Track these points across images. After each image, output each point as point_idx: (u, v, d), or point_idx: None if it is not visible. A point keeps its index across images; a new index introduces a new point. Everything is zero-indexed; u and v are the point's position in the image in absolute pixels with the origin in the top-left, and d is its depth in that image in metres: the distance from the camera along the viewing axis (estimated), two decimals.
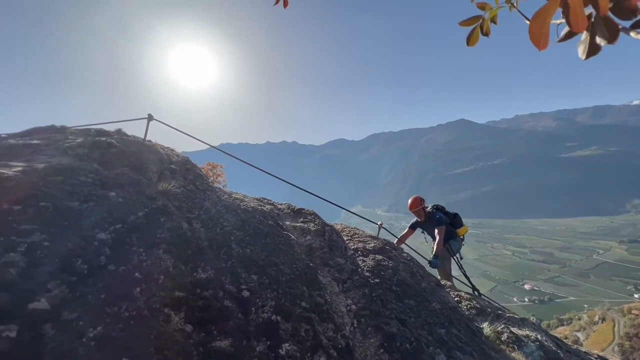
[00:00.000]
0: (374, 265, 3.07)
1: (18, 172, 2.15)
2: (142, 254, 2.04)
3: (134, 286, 1.83)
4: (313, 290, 2.49)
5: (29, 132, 4.04)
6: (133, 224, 2.23)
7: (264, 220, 3.05)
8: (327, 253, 3.17)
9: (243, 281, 2.21)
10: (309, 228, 3.48)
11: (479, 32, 1.27)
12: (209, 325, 1.82)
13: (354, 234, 3.78)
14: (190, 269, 2.14)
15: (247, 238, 2.66)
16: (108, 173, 2.64)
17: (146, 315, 1.73)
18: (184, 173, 3.25)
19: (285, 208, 3.91)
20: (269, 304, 2.13)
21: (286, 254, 2.72)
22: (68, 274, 1.68)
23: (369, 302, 2.60)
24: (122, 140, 3.28)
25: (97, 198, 2.27)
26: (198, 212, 2.70)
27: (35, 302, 1.49)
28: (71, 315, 1.52)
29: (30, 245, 1.69)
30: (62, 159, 2.61)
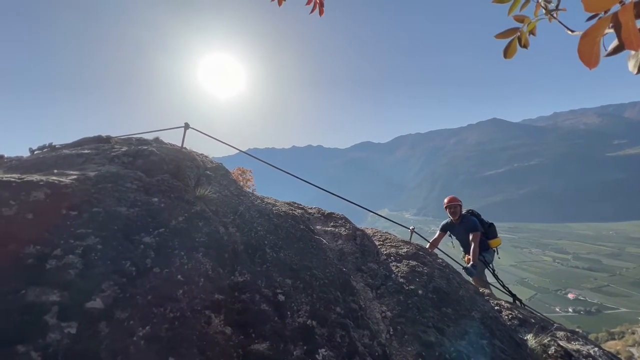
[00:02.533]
0: (408, 272, 3.00)
1: (73, 180, 2.33)
2: (183, 257, 2.13)
3: (177, 288, 1.91)
4: (347, 295, 2.47)
5: (80, 142, 4.38)
6: (174, 228, 2.34)
7: (296, 225, 3.08)
8: (359, 258, 3.14)
9: (278, 285, 2.24)
10: (340, 232, 3.46)
11: (516, 44, 1.24)
12: (247, 328, 1.86)
13: (386, 239, 3.71)
14: (228, 272, 2.20)
15: (280, 242, 2.69)
16: (150, 180, 2.80)
17: (189, 316, 1.80)
18: (218, 179, 3.37)
19: (315, 212, 3.93)
20: (304, 308, 2.14)
21: (319, 259, 2.72)
22: (119, 275, 1.79)
23: (405, 309, 2.53)
24: (162, 148, 3.46)
25: (141, 203, 2.41)
26: (233, 216, 2.77)
27: (92, 301, 1.60)
28: (123, 314, 1.62)
29: (86, 248, 1.82)
30: (110, 167, 2.80)
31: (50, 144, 4.53)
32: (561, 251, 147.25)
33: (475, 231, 4.67)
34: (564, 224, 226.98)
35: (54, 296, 1.53)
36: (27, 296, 1.49)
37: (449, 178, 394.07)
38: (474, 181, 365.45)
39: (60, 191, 2.13)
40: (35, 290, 1.53)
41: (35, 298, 1.49)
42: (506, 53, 1.25)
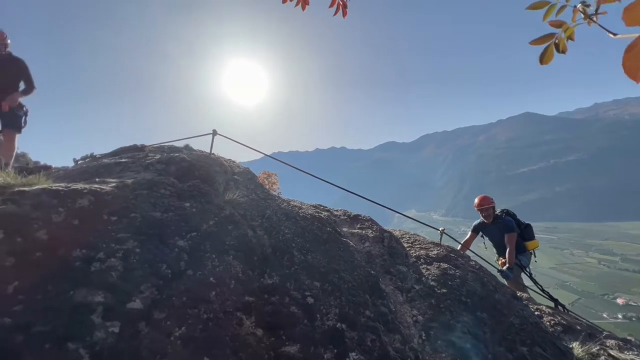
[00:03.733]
0: (440, 274, 2.90)
1: (113, 187, 2.48)
2: (214, 260, 2.20)
3: (210, 290, 1.97)
4: (376, 299, 2.43)
5: (117, 151, 4.65)
6: (205, 232, 2.42)
7: (322, 227, 3.08)
8: (388, 260, 3.08)
9: (307, 288, 2.24)
10: (367, 234, 3.42)
11: (553, 50, 1.18)
12: (277, 330, 1.88)
13: (415, 241, 3.62)
14: (257, 274, 2.24)
15: (307, 245, 2.70)
16: (182, 185, 2.92)
17: (221, 318, 1.84)
18: (246, 183, 3.45)
19: (341, 214, 3.91)
20: (333, 311, 2.13)
21: (346, 261, 2.70)
22: (156, 277, 1.87)
23: (437, 313, 2.45)
24: (192, 155, 3.60)
25: (175, 208, 2.51)
26: (261, 220, 2.82)
27: (132, 302, 1.68)
28: (160, 315, 1.69)
29: (125, 252, 1.93)
30: (145, 174, 2.95)
31: (91, 154, 4.86)
32: (607, 252, 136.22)
33: (511, 232, 4.43)
34: (609, 223, 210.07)
35: (98, 297, 1.63)
36: (75, 296, 1.59)
37: (478, 176, 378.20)
38: (505, 179, 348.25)
39: (102, 198, 2.27)
40: (82, 291, 1.63)
41: (82, 298, 1.59)
42: (542, 59, 1.20)
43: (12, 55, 4.19)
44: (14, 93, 4.01)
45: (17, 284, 1.53)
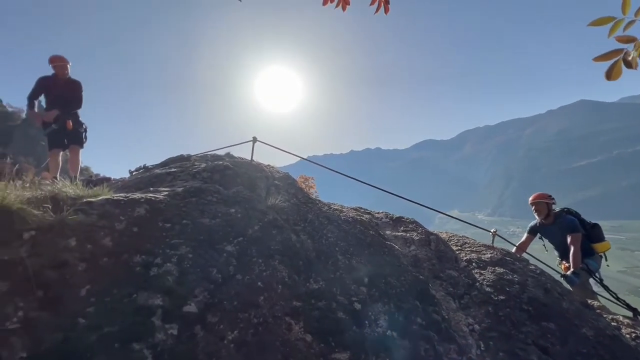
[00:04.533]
0: (496, 280, 2.68)
1: (166, 196, 2.63)
2: (261, 265, 2.23)
3: (258, 295, 1.99)
4: (427, 305, 2.30)
5: (167, 162, 4.96)
6: (251, 237, 2.47)
7: (365, 231, 3.01)
8: (436, 264, 2.92)
9: (353, 293, 2.19)
10: (412, 237, 3.29)
11: (621, 65, 1.07)
12: (326, 336, 1.85)
13: (464, 243, 3.41)
14: (303, 279, 2.24)
15: (351, 249, 2.65)
16: (227, 192, 3.02)
17: (271, 322, 1.86)
18: (286, 188, 3.48)
19: (383, 217, 3.80)
20: (382, 317, 2.05)
21: (392, 266, 2.60)
22: (208, 282, 1.94)
23: (496, 322, 2.26)
24: (234, 162, 3.73)
25: (222, 215, 2.60)
26: (303, 224, 2.83)
27: (187, 305, 1.76)
28: (213, 318, 1.74)
29: (179, 257, 2.02)
30: (193, 182, 3.11)
31: (144, 165, 5.25)
32: None
33: (575, 232, 3.99)
34: None
35: (157, 300, 1.72)
36: (137, 299, 1.69)
37: (527, 173, 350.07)
38: (559, 174, 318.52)
39: (157, 206, 2.42)
40: (144, 294, 1.73)
41: (143, 301, 1.69)
42: (610, 75, 1.11)
43: (71, 78, 4.67)
44: (54, 111, 4.41)
45: (88, 287, 1.66)
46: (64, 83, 4.55)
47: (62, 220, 1.94)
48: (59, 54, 4.50)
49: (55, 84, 4.50)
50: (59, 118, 4.47)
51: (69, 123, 4.48)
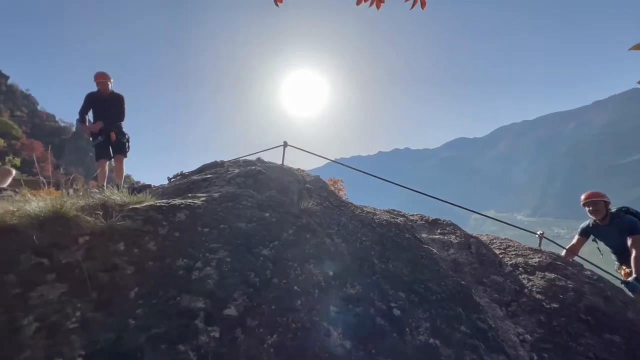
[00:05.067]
0: (547, 286, 2.48)
1: (203, 201, 2.72)
2: (297, 269, 2.23)
3: (296, 299, 1.99)
4: (470, 312, 2.18)
5: (202, 168, 5.16)
6: (286, 241, 2.48)
7: (401, 234, 2.92)
8: (478, 269, 2.76)
9: (391, 298, 2.12)
10: (450, 240, 3.14)
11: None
12: (366, 343, 1.80)
13: (508, 247, 3.20)
14: (339, 284, 2.20)
15: (387, 253, 2.58)
16: (261, 196, 3.07)
17: (309, 327, 1.84)
18: (318, 191, 3.48)
19: (418, 219, 3.68)
20: (424, 325, 1.97)
21: (431, 270, 2.50)
22: (246, 285, 1.97)
23: (550, 333, 2.09)
24: (266, 167, 3.79)
25: (257, 219, 2.64)
26: (337, 227, 2.80)
27: (228, 309, 1.79)
28: (253, 322, 1.76)
29: (218, 261, 2.07)
30: (228, 188, 3.20)
31: (181, 172, 5.50)
32: None
33: (637, 234, 3.60)
34: None
35: (200, 303, 1.76)
36: (181, 302, 1.75)
37: (572, 170, 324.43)
38: (610, 171, 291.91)
39: (195, 211, 2.50)
40: (186, 297, 1.79)
41: (187, 304, 1.75)
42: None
43: (114, 92, 5.01)
44: (97, 123, 4.74)
45: (137, 289, 1.74)
46: (108, 97, 4.91)
47: (111, 226, 2.07)
48: (102, 71, 4.85)
49: (100, 99, 4.86)
50: (104, 130, 4.81)
51: (113, 135, 4.81)
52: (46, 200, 2.12)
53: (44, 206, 2.01)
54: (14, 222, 1.86)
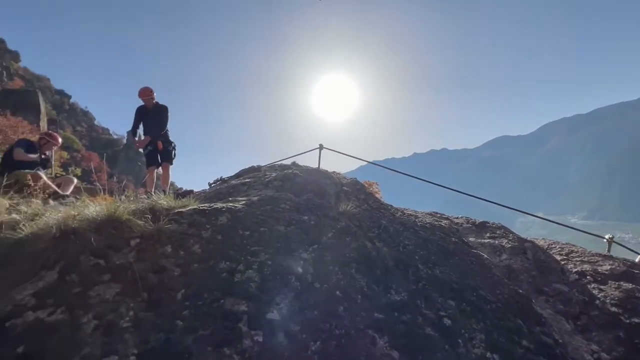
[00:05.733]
0: (623, 298, 2.17)
1: (243, 205, 2.76)
2: (338, 273, 2.16)
3: (338, 304, 1.92)
4: (532, 325, 1.96)
5: (240, 173, 5.30)
6: (325, 244, 2.43)
7: (446, 237, 2.74)
8: (537, 277, 2.50)
9: (440, 307, 1.98)
10: (501, 245, 2.89)
11: None
12: (415, 354, 1.68)
13: (571, 252, 2.87)
14: (382, 289, 2.10)
15: (432, 257, 2.43)
16: (299, 199, 3.05)
17: (353, 334, 1.76)
18: (356, 193, 3.39)
19: (463, 222, 3.45)
20: (478, 337, 1.80)
21: (483, 277, 2.30)
22: (288, 289, 1.94)
23: (633, 351, 1.81)
24: (303, 170, 3.79)
25: (295, 222, 2.62)
26: (377, 231, 2.69)
27: (270, 313, 1.77)
28: (296, 327, 1.72)
29: (260, 264, 2.07)
30: (267, 191, 3.22)
31: (221, 178, 5.70)
32: None
33: None
34: None
35: (243, 306, 1.76)
36: (225, 305, 1.76)
37: (636, 167, 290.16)
38: None
39: (236, 215, 2.54)
40: (230, 300, 1.79)
41: (230, 307, 1.75)
42: None
43: (158, 103, 5.33)
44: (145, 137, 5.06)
45: (183, 291, 1.78)
46: (153, 110, 5.24)
47: (159, 229, 2.15)
48: (145, 87, 5.20)
49: (146, 112, 5.21)
50: (151, 140, 5.13)
51: (160, 143, 5.11)
52: (102, 205, 2.26)
53: (100, 210, 2.15)
54: (75, 225, 2.00)
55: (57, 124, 28.70)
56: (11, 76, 43.27)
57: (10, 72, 44.63)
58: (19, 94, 22.37)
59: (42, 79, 52.32)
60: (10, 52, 49.11)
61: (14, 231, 1.96)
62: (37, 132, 15.46)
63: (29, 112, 20.08)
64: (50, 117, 30.47)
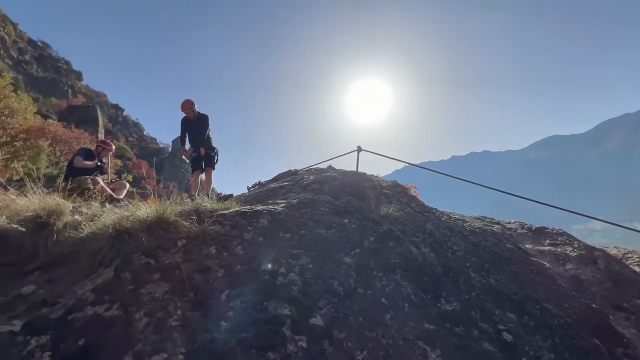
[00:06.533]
0: None
1: (283, 207, 2.75)
2: (382, 279, 2.06)
3: (384, 312, 1.82)
4: (612, 346, 1.71)
5: (277, 177, 5.35)
6: (368, 249, 2.33)
7: (500, 243, 2.51)
8: (612, 290, 2.19)
9: (499, 320, 1.79)
10: (565, 253, 2.59)
11: None
12: None
13: None
14: (431, 298, 1.96)
15: (485, 265, 2.23)
16: (338, 202, 2.99)
17: (402, 345, 1.65)
18: (397, 196, 3.26)
19: (517, 227, 3.16)
20: (546, 356, 1.60)
21: (546, 288, 2.06)
22: (330, 294, 1.87)
23: None
24: (341, 173, 3.72)
25: (336, 225, 2.56)
26: (422, 235, 2.54)
27: (313, 317, 1.71)
28: (340, 334, 1.64)
29: (301, 267, 2.03)
30: (305, 194, 3.20)
31: (259, 182, 5.81)
32: None
33: None
34: None
35: (285, 310, 1.72)
36: (268, 308, 1.73)
37: None
38: None
39: (277, 217, 2.53)
40: (272, 302, 1.76)
41: (273, 310, 1.72)
42: None
43: (200, 113, 5.57)
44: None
45: (227, 292, 1.78)
46: (195, 120, 5.50)
47: (204, 230, 2.20)
48: (186, 100, 5.47)
49: (189, 123, 5.49)
50: (195, 147, 5.39)
51: (202, 150, 5.34)
52: (152, 207, 2.37)
53: (150, 212, 2.25)
54: (129, 226, 2.11)
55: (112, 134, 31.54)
56: (75, 93, 48.49)
57: (75, 89, 50.03)
58: (81, 110, 24.93)
59: (100, 95, 58.04)
60: (74, 72, 55.16)
61: (76, 231, 2.11)
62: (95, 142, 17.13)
63: (89, 124, 22.28)
64: (107, 128, 33.59)
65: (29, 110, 15.31)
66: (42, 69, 47.81)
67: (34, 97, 25.72)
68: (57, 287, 1.79)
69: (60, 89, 46.29)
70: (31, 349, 1.31)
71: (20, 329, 1.41)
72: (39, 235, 2.11)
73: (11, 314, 1.54)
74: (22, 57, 45.31)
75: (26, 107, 15.08)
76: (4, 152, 13.09)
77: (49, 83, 45.63)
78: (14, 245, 2.00)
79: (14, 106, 13.94)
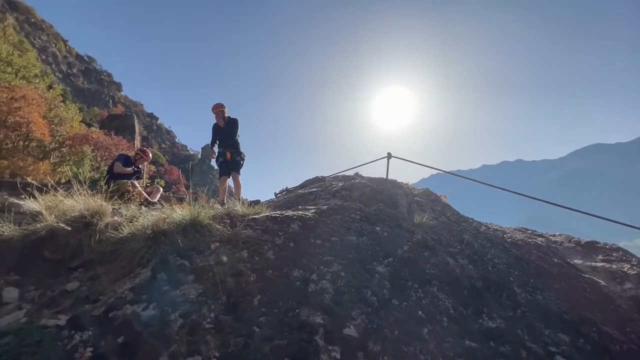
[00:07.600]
0: None
1: (313, 213, 2.72)
2: (418, 291, 1.96)
3: (421, 326, 1.72)
4: None
5: (304, 183, 5.35)
6: (401, 258, 2.24)
7: (546, 257, 2.33)
8: None
9: (549, 341, 1.64)
10: (622, 270, 2.35)
11: None
12: None
13: None
14: (472, 313, 1.83)
15: (531, 280, 2.07)
16: (369, 209, 2.92)
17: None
18: (430, 204, 3.13)
19: (563, 240, 2.92)
20: None
21: (603, 309, 1.87)
22: (364, 304, 1.80)
23: None
24: (372, 180, 3.65)
25: (367, 233, 2.49)
26: (459, 246, 2.41)
27: (347, 328, 1.64)
28: (376, 347, 1.57)
29: (333, 275, 1.97)
30: (335, 200, 3.16)
31: (286, 188, 5.84)
32: None
33: None
34: None
35: (318, 318, 1.67)
36: (300, 315, 1.69)
37: None
38: None
39: (307, 223, 2.51)
40: (304, 310, 1.72)
41: (305, 317, 1.67)
42: None
43: (229, 117, 5.71)
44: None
45: (259, 297, 1.77)
46: (224, 124, 5.64)
47: (236, 234, 2.21)
48: (216, 103, 5.63)
49: (218, 127, 5.64)
50: (222, 152, 5.52)
51: (228, 154, 5.45)
52: (186, 210, 2.43)
53: (185, 214, 2.30)
54: (165, 228, 2.17)
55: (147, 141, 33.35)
56: (115, 103, 51.99)
57: (115, 100, 53.65)
58: (120, 118, 26.58)
59: (137, 105, 61.82)
60: (115, 83, 59.23)
61: (116, 231, 2.19)
62: (132, 148, 18.06)
63: (127, 132, 23.68)
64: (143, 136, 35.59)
65: (75, 118, 16.58)
66: (87, 81, 51.81)
67: (80, 107, 27.81)
68: (99, 284, 1.86)
69: (102, 99, 49.92)
70: (75, 343, 1.35)
71: (65, 323, 1.46)
72: (83, 234, 2.22)
73: (57, 309, 1.61)
74: (71, 71, 49.39)
75: (73, 116, 16.34)
76: (53, 157, 14.20)
77: (92, 94, 49.34)
78: (61, 242, 2.12)
79: (62, 115, 15.15)
